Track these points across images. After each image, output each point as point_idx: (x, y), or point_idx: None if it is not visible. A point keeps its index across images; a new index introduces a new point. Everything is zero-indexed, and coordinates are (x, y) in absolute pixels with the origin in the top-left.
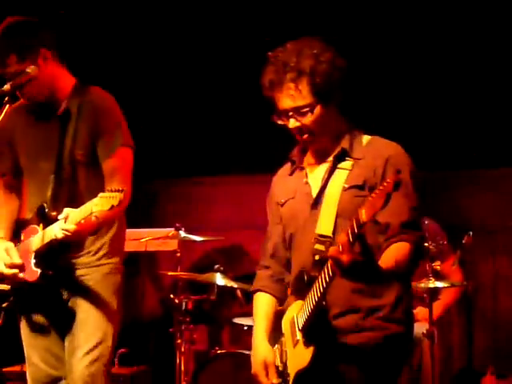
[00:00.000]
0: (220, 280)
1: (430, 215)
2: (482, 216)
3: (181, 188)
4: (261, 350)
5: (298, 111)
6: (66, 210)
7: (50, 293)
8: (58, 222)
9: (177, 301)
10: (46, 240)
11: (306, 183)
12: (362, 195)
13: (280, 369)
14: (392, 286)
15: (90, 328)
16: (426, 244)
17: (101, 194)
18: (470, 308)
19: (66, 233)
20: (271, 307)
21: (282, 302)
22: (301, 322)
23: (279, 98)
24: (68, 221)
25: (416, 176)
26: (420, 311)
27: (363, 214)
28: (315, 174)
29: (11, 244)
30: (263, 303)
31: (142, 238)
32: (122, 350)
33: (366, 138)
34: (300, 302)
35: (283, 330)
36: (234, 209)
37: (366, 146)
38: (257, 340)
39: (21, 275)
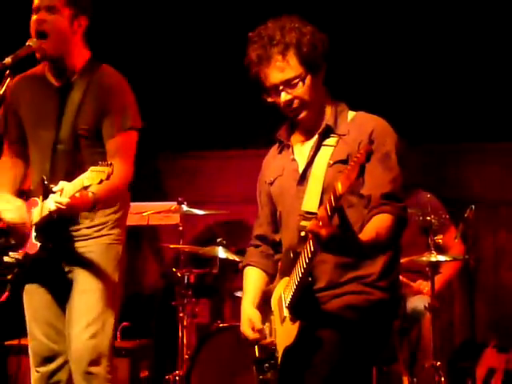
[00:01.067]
0: (222, 253)
1: (432, 188)
2: (485, 189)
3: (183, 162)
4: (246, 311)
5: (288, 83)
6: (61, 183)
7: (51, 265)
8: (52, 195)
9: (179, 274)
10: (44, 213)
11: (293, 160)
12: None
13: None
14: (377, 258)
15: (91, 300)
16: (428, 218)
17: (91, 168)
18: (471, 282)
19: (60, 206)
20: (260, 280)
21: (272, 277)
22: (288, 298)
23: (268, 73)
24: (62, 194)
25: (399, 148)
26: (421, 284)
27: (339, 187)
28: (302, 151)
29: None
30: (252, 276)
31: (144, 212)
32: (124, 323)
33: (350, 114)
34: (286, 278)
35: (272, 308)
36: (237, 183)
37: (351, 122)
38: (244, 306)
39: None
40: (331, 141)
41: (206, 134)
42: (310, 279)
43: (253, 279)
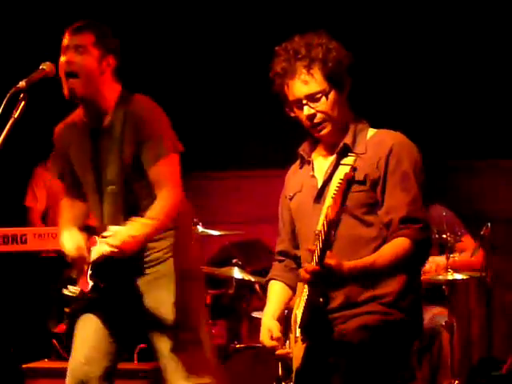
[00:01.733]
0: (238, 274)
1: (449, 204)
2: (502, 207)
3: (196, 183)
4: (266, 323)
5: (312, 98)
6: (113, 229)
7: (110, 300)
8: (106, 238)
9: None
10: (99, 254)
11: (313, 176)
12: (363, 190)
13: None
14: (396, 278)
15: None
16: (443, 236)
17: (137, 219)
18: (489, 299)
19: (113, 249)
20: (283, 293)
21: (295, 290)
22: (299, 318)
23: (292, 87)
24: (114, 238)
25: (419, 166)
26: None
27: (329, 212)
28: (322, 168)
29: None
30: (275, 289)
31: None
32: (142, 345)
33: (371, 132)
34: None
35: (291, 326)
36: (250, 203)
37: (370, 140)
38: (264, 317)
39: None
40: (349, 160)
41: (220, 154)
42: (320, 299)
43: (275, 292)
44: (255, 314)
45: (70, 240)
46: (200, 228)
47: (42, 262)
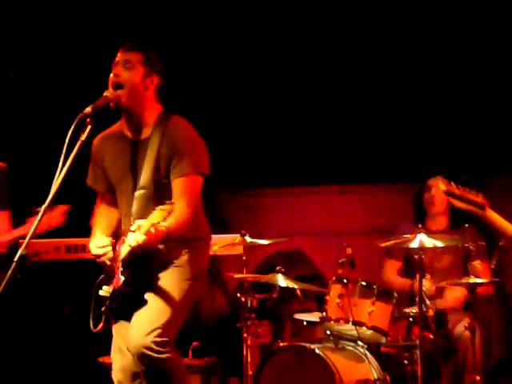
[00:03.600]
0: (281, 281)
1: (472, 221)
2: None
3: (245, 199)
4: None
5: None
6: (137, 222)
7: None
8: (130, 233)
9: (243, 299)
10: (127, 250)
11: None
12: None
13: None
14: None
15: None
16: (466, 245)
17: (159, 207)
18: (507, 305)
19: (138, 241)
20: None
21: None
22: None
23: None
24: (139, 231)
25: None
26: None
27: None
28: None
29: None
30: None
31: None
32: (195, 343)
33: None
34: None
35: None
36: (288, 217)
37: None
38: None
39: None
40: None
41: (262, 173)
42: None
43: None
44: (297, 316)
45: (96, 245)
46: (248, 239)
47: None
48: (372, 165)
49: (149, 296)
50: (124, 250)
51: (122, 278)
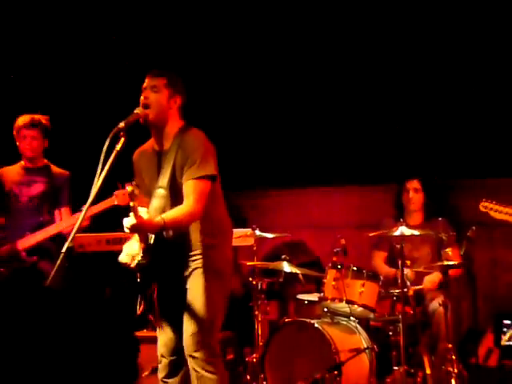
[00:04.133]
0: (286, 267)
1: (444, 214)
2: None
3: (255, 199)
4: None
5: None
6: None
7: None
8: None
9: (254, 283)
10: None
11: None
12: None
13: None
14: None
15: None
16: (439, 235)
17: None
18: (474, 284)
19: (129, 227)
20: None
21: None
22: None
23: None
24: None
25: None
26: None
27: None
28: None
29: None
30: None
31: None
32: None
33: None
34: None
35: None
36: (295, 213)
37: None
38: None
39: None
40: None
41: (267, 177)
42: None
43: None
44: (299, 296)
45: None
46: (258, 232)
47: None
48: (362, 169)
49: (188, 298)
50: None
51: (140, 257)
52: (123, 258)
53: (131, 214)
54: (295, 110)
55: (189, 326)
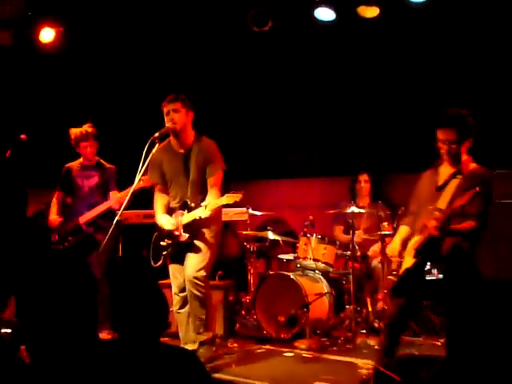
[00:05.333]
0: (271, 235)
1: (382, 199)
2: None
3: (250, 186)
4: (393, 244)
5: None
6: (207, 200)
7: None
8: (201, 208)
9: (248, 246)
10: (192, 218)
11: (437, 179)
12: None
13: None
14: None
15: (199, 245)
16: (379, 213)
17: (226, 195)
18: (404, 248)
19: (208, 214)
20: (407, 231)
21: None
22: (415, 244)
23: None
24: (208, 207)
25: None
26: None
27: (456, 204)
28: (443, 176)
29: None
30: (403, 229)
31: (229, 213)
32: (219, 272)
33: (472, 165)
34: (418, 236)
35: (408, 247)
36: (277, 197)
37: (471, 170)
38: (393, 241)
39: (176, 233)
40: (459, 176)
41: (258, 169)
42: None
43: (401, 231)
44: (280, 256)
45: (165, 219)
46: (250, 211)
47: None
48: (325, 165)
49: (194, 247)
50: (185, 218)
51: (187, 235)
52: (169, 226)
53: (204, 205)
54: (274, 119)
55: (191, 259)
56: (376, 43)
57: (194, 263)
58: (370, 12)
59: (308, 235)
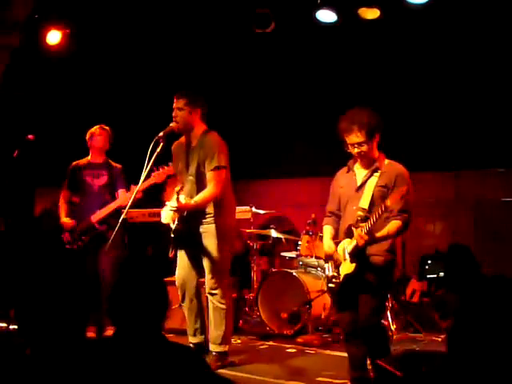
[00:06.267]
0: (274, 233)
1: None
2: None
3: (254, 186)
4: (327, 242)
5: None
6: (180, 197)
7: (191, 237)
8: (170, 202)
9: (251, 244)
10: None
11: (355, 179)
12: (384, 190)
13: (334, 273)
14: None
15: (211, 258)
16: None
17: (188, 199)
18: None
19: (174, 208)
20: (332, 232)
21: (336, 232)
22: (348, 249)
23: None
24: (176, 201)
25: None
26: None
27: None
28: (360, 175)
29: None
30: (328, 230)
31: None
32: None
33: (386, 161)
34: (348, 240)
35: (338, 252)
36: (280, 196)
37: (387, 165)
38: (325, 240)
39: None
40: (377, 174)
41: (261, 169)
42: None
43: (329, 231)
44: (282, 254)
45: (163, 213)
46: (254, 209)
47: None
48: (323, 165)
49: (206, 258)
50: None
51: (177, 223)
52: (164, 220)
53: (174, 199)
54: (277, 119)
55: (208, 272)
56: (377, 44)
57: (209, 277)
58: (371, 14)
59: (310, 233)
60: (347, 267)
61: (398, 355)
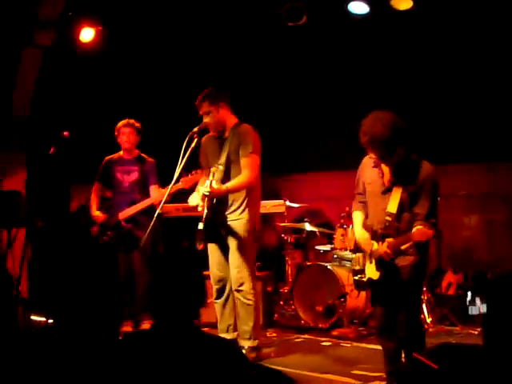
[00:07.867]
0: (308, 227)
1: None
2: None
3: (287, 180)
4: (359, 231)
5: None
6: (207, 182)
7: (218, 228)
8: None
9: (285, 237)
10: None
11: (382, 180)
12: (412, 196)
13: (359, 267)
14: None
15: (237, 253)
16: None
17: (220, 185)
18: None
19: (207, 193)
20: (362, 217)
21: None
22: (375, 255)
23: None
24: (207, 186)
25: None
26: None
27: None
28: (387, 177)
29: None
30: (359, 215)
31: (267, 206)
32: (258, 263)
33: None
34: (375, 243)
35: (366, 250)
36: (313, 190)
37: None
38: (356, 228)
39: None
40: (400, 187)
41: (296, 164)
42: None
43: (359, 218)
44: (317, 247)
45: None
46: (288, 203)
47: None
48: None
49: (232, 253)
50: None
51: (206, 212)
52: (192, 202)
53: (207, 184)
54: (312, 113)
55: (235, 267)
56: (409, 35)
57: (235, 273)
58: (404, 4)
59: (345, 226)
60: (373, 272)
61: (434, 348)
